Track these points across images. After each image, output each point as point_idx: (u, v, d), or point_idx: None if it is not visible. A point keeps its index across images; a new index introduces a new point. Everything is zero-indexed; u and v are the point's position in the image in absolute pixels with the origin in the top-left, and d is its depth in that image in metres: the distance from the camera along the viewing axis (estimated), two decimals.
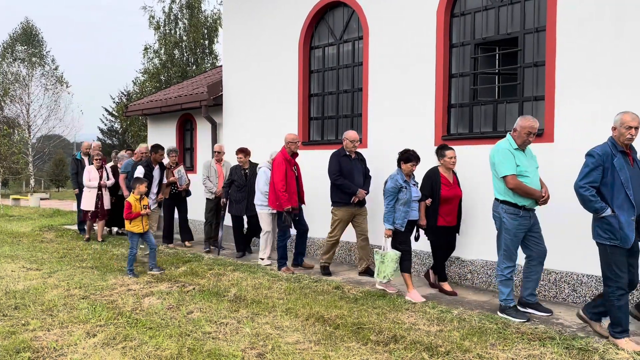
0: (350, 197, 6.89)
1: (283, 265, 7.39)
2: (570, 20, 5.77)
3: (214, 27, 32.03)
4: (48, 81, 33.44)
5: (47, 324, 4.92)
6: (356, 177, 6.96)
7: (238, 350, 4.27)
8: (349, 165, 6.97)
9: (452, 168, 6.20)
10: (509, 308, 5.26)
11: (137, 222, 7.11)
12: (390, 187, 5.97)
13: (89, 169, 10.05)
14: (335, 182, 6.93)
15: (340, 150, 7.06)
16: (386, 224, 6.00)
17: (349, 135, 7.02)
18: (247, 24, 9.66)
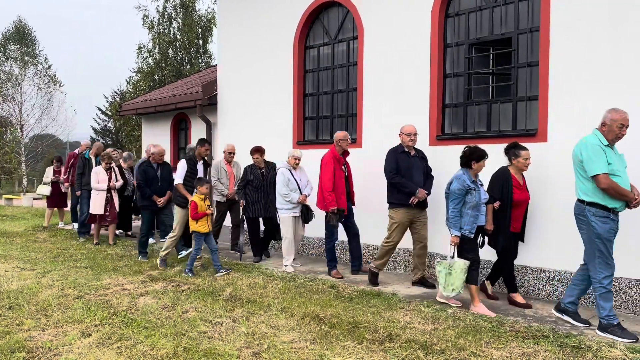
0: (408, 198, 6.28)
1: (333, 268, 7.07)
2: (563, 20, 5.81)
3: (208, 26, 31.98)
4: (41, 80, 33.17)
5: (41, 324, 4.91)
6: (415, 175, 6.34)
7: (234, 349, 4.28)
8: (407, 163, 6.35)
9: (525, 170, 5.66)
10: (612, 326, 4.65)
11: (203, 222, 6.99)
12: (456, 189, 5.39)
13: (97, 171, 9.59)
14: (392, 180, 6.33)
15: (398, 147, 6.48)
16: (453, 230, 5.42)
17: (406, 129, 6.41)
18: (242, 23, 9.66)
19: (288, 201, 7.34)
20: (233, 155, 8.69)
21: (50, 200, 11.95)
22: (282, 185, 7.35)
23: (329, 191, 6.77)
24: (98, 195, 9.47)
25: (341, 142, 6.98)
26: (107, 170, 9.57)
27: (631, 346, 4.37)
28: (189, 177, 7.42)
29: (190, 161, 7.52)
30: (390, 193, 6.45)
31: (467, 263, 5.39)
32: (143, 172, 8.19)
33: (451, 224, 5.45)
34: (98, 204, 9.47)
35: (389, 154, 6.46)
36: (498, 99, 6.57)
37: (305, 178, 7.60)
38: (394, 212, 6.41)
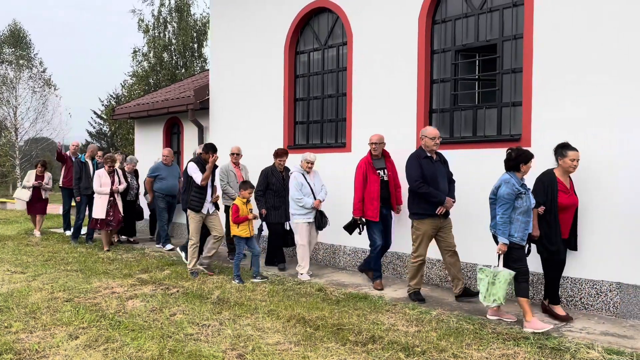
0: (435, 208, 5.87)
1: (376, 277, 6.70)
2: (546, 27, 5.92)
3: (203, 30, 32.07)
4: (36, 84, 33.22)
5: (29, 327, 4.96)
6: (441, 182, 5.92)
7: (219, 351, 4.34)
8: (431, 169, 5.92)
9: (572, 172, 5.36)
10: None
11: (245, 227, 6.87)
12: (506, 194, 5.03)
13: (100, 174, 9.30)
14: (419, 190, 5.83)
15: (420, 152, 6.03)
16: (501, 237, 5.05)
17: (428, 131, 5.98)
18: (233, 28, 9.75)
19: (301, 206, 7.17)
20: (239, 156, 8.52)
21: (30, 206, 11.31)
22: (295, 189, 7.20)
23: (357, 198, 6.56)
24: (100, 199, 9.24)
25: (371, 144, 6.65)
26: (110, 174, 9.36)
27: (609, 347, 4.46)
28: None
29: (199, 164, 7.29)
30: (415, 203, 5.98)
31: (512, 274, 5.02)
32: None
33: (500, 231, 5.07)
34: (100, 208, 9.22)
35: (411, 160, 6.01)
36: (483, 104, 6.68)
37: (320, 182, 7.43)
38: (420, 223, 5.96)
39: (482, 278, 5.22)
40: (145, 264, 7.97)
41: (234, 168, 8.47)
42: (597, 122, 5.56)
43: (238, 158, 8.50)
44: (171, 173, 9.67)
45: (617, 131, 5.42)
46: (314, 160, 7.34)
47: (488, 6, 6.55)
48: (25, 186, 11.21)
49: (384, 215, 6.63)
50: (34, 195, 11.19)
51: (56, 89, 34.15)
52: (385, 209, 6.63)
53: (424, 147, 6.02)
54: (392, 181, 6.69)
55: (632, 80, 5.35)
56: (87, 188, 9.89)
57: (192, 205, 7.20)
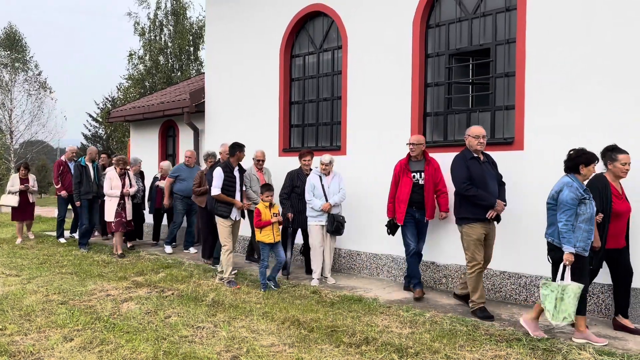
0: (485, 211, 5.53)
1: (414, 285, 6.36)
2: (539, 32, 5.98)
3: (199, 33, 32.10)
4: (31, 86, 33.16)
5: (24, 329, 4.96)
6: (490, 185, 5.57)
7: (213, 353, 4.36)
8: (479, 170, 5.57)
9: (624, 177, 5.07)
10: None
11: (268, 232, 6.52)
12: (570, 199, 4.62)
13: (111, 176, 9.01)
14: (467, 192, 5.50)
15: (465, 152, 5.68)
16: (567, 247, 4.62)
17: (473, 130, 5.64)
18: (229, 31, 9.78)
19: (311, 208, 7.05)
20: (263, 162, 8.22)
21: (16, 212, 10.75)
22: (307, 191, 7.05)
23: (389, 198, 6.45)
24: (111, 201, 8.98)
25: (410, 146, 6.38)
26: (121, 176, 9.11)
27: (600, 349, 4.50)
28: (227, 186, 6.89)
29: (226, 168, 6.92)
30: (463, 206, 5.62)
31: (581, 287, 4.59)
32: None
33: (565, 239, 4.64)
34: (111, 210, 8.98)
35: (457, 161, 5.68)
36: (477, 108, 6.73)
37: (338, 185, 7.10)
38: (470, 228, 5.57)
39: (547, 294, 4.69)
40: (140, 267, 7.98)
41: (256, 172, 8.18)
42: (590, 126, 5.62)
43: (261, 164, 8.22)
44: (192, 175, 9.25)
45: (610, 136, 5.47)
46: (328, 162, 7.05)
47: (481, 11, 6.61)
48: (10, 191, 10.72)
49: (417, 219, 6.38)
50: (22, 200, 10.73)
51: (51, 91, 34.11)
52: (418, 213, 6.36)
53: (468, 147, 5.68)
54: (429, 185, 6.33)
55: (625, 85, 5.41)
56: (88, 192, 9.68)
57: (220, 211, 6.89)
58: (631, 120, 5.37)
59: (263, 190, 6.69)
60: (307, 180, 7.11)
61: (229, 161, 7.03)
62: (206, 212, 8.28)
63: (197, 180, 8.57)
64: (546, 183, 5.82)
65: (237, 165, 7.07)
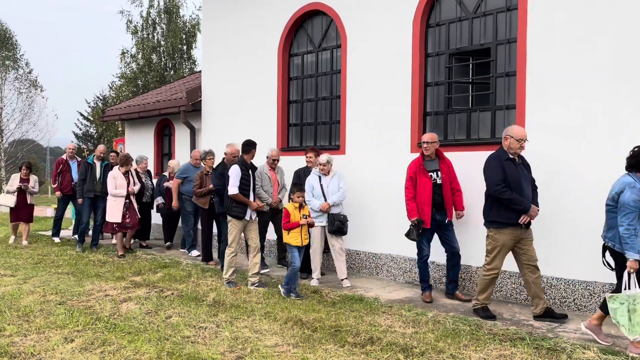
0: (518, 216, 5.26)
1: (424, 289, 6.24)
2: (540, 32, 6.00)
3: (193, 32, 31.95)
4: (22, 85, 32.82)
5: (23, 330, 4.89)
6: (525, 188, 5.29)
7: (217, 353, 4.32)
8: (515, 173, 5.29)
9: None
10: None
11: (296, 234, 6.21)
12: (632, 201, 4.34)
13: (115, 175, 8.79)
14: (501, 195, 5.20)
15: (501, 153, 5.38)
16: (630, 253, 4.33)
17: (515, 131, 5.32)
18: (226, 30, 9.73)
19: (311, 208, 6.83)
20: (277, 162, 7.93)
21: (15, 213, 10.31)
22: (306, 191, 6.87)
23: (407, 198, 6.11)
24: (116, 201, 8.76)
25: (424, 144, 6.18)
26: (124, 174, 8.90)
27: (604, 347, 4.51)
28: (243, 185, 6.61)
29: (243, 166, 6.65)
30: (494, 209, 5.34)
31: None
32: (221, 176, 7.20)
33: (627, 245, 4.35)
34: (116, 211, 8.74)
35: (491, 161, 5.39)
36: (477, 107, 6.74)
37: (337, 185, 6.94)
38: (499, 233, 5.31)
39: (617, 307, 4.36)
40: (137, 267, 7.91)
41: (269, 171, 7.86)
42: (590, 125, 5.63)
43: (275, 164, 7.93)
44: None
45: (612, 135, 5.50)
46: (325, 162, 6.95)
47: (482, 10, 6.62)
48: (9, 191, 10.27)
49: (438, 221, 6.14)
50: (20, 200, 10.24)
51: (42, 90, 33.78)
52: (439, 215, 6.12)
53: (507, 148, 5.35)
54: (447, 184, 6.15)
55: (625, 84, 5.43)
56: (90, 191, 9.41)
57: (235, 212, 6.58)
58: (633, 119, 5.39)
59: (294, 189, 6.35)
60: (307, 181, 7.03)
61: (244, 159, 6.74)
62: (208, 214, 8.16)
63: (197, 181, 8.34)
64: (546, 182, 5.84)
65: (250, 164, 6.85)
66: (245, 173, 6.64)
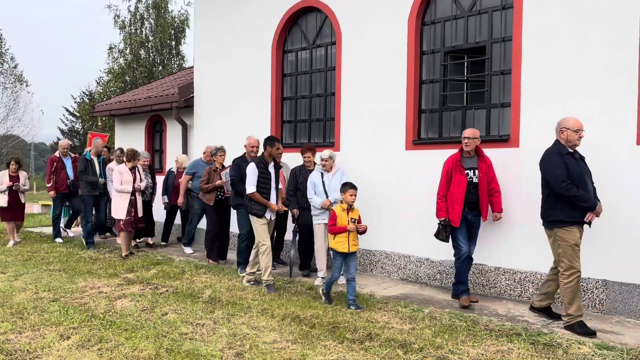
0: (584, 214, 4.94)
1: (462, 292, 5.87)
2: (535, 30, 6.04)
3: (181, 28, 31.71)
4: (7, 79, 32.36)
5: (18, 327, 4.83)
6: (589, 184, 5.01)
7: (216, 350, 4.31)
8: (577, 168, 4.96)
9: None
10: None
11: (342, 239, 5.64)
12: None
13: (121, 170, 8.49)
14: (567, 192, 4.85)
15: (560, 147, 5.03)
16: None
17: (570, 122, 5.01)
18: (219, 25, 9.67)
19: (313, 206, 6.82)
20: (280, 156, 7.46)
21: (6, 212, 9.71)
22: (308, 189, 6.85)
23: (439, 196, 5.87)
24: (121, 198, 8.45)
25: (465, 140, 5.86)
26: (131, 170, 8.60)
27: (600, 343, 4.58)
28: (262, 184, 6.38)
29: (260, 164, 6.41)
30: (558, 208, 5.00)
31: None
32: (237, 167, 7.09)
33: None
34: (122, 208, 8.44)
35: (552, 156, 5.02)
36: (472, 105, 6.77)
37: (339, 181, 6.66)
38: (568, 232, 4.95)
39: None
40: (130, 264, 7.84)
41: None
42: (586, 123, 5.67)
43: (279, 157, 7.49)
44: None
45: (607, 133, 5.56)
46: (327, 157, 6.82)
47: (477, 8, 6.65)
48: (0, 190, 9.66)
49: (469, 221, 5.87)
50: (11, 199, 9.67)
51: (28, 85, 33.33)
52: (471, 214, 5.85)
53: (564, 141, 5.02)
54: (483, 184, 5.84)
55: (622, 82, 5.49)
56: (95, 188, 9.22)
57: (254, 210, 6.38)
58: (629, 117, 5.46)
59: (344, 189, 5.80)
60: (309, 178, 6.94)
61: (263, 156, 6.52)
62: (215, 211, 8.00)
63: (205, 177, 8.03)
64: None
65: (271, 161, 6.55)
66: (263, 171, 6.39)
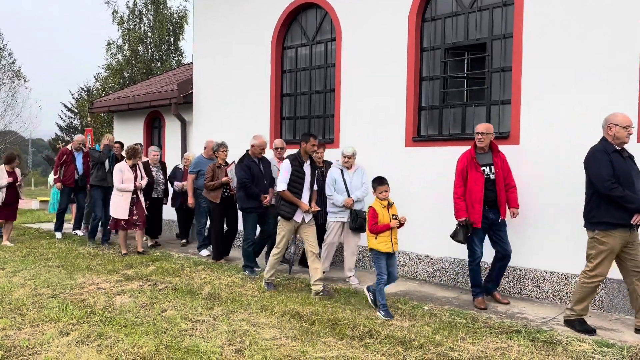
0: (630, 216, 4.67)
1: (476, 295, 5.73)
2: (536, 27, 6.03)
3: (180, 24, 31.60)
4: (5, 75, 32.25)
5: (17, 323, 4.82)
6: (637, 184, 4.71)
7: (216, 346, 4.30)
8: (624, 167, 4.71)
9: None
10: None
11: (385, 238, 5.27)
12: None
13: (122, 168, 8.26)
14: (612, 192, 4.61)
15: (606, 144, 4.78)
16: None
17: (619, 118, 4.75)
18: (218, 21, 9.63)
19: (332, 203, 6.62)
20: (283, 150, 7.60)
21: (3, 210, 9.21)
22: (328, 185, 6.62)
23: (456, 196, 5.63)
24: (122, 196, 8.23)
25: (478, 135, 5.65)
26: (131, 168, 8.34)
27: (600, 340, 4.58)
28: (294, 182, 6.05)
29: (295, 162, 6.06)
30: (601, 209, 4.74)
31: None
32: (247, 168, 6.98)
33: None
34: (122, 207, 8.20)
35: (597, 154, 4.78)
36: (472, 102, 6.77)
37: (360, 180, 6.60)
38: (607, 235, 4.72)
39: None
40: (129, 260, 7.83)
41: (277, 163, 7.44)
42: (586, 121, 5.69)
43: (282, 152, 7.56)
44: None
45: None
46: (350, 154, 6.64)
47: (478, 5, 6.64)
48: None
49: (491, 220, 5.65)
50: (9, 196, 9.24)
51: (26, 80, 33.21)
52: (492, 213, 5.63)
53: (612, 138, 4.76)
54: (500, 180, 5.64)
55: (622, 79, 5.48)
56: (103, 180, 8.94)
57: (282, 210, 6.05)
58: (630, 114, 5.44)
59: (375, 184, 5.42)
60: (329, 174, 6.70)
61: (299, 154, 6.14)
62: (219, 209, 7.78)
63: (210, 174, 7.76)
64: (541, 177, 5.90)
65: (307, 159, 6.18)
66: (297, 169, 6.06)
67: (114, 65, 29.83)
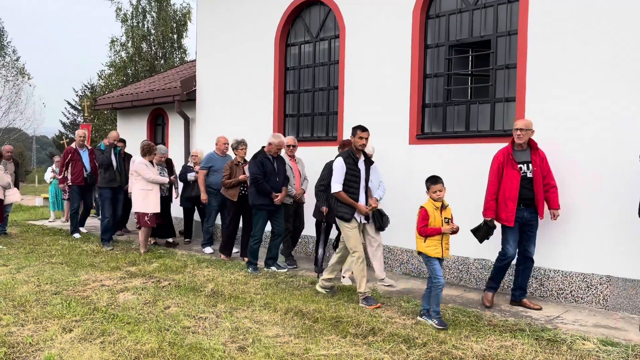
0: None
1: (488, 289, 5.63)
2: (541, 24, 5.99)
3: (183, 21, 31.57)
4: (9, 72, 32.33)
5: (20, 320, 4.83)
6: None
7: (219, 343, 4.29)
8: None
9: None
10: None
11: (435, 242, 4.91)
12: None
13: (146, 163, 8.13)
14: None
15: None
16: None
17: None
18: (222, 19, 9.62)
19: None
20: (295, 148, 7.46)
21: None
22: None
23: (488, 194, 5.45)
24: (152, 190, 8.09)
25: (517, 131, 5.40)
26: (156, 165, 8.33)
27: (603, 339, 4.56)
28: (349, 182, 5.63)
29: (349, 159, 5.64)
30: None
31: None
32: (261, 164, 6.86)
33: None
34: (153, 201, 8.09)
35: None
36: (477, 99, 6.73)
37: (377, 179, 6.14)
38: None
39: None
40: (132, 257, 7.83)
41: (289, 161, 7.32)
42: (591, 118, 5.65)
43: (294, 150, 7.45)
44: None
45: (612, 128, 5.52)
46: (372, 152, 6.44)
47: (482, 2, 6.60)
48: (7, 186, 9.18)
49: (526, 219, 5.45)
50: None
51: (30, 78, 33.29)
52: (527, 212, 5.41)
53: None
54: (538, 178, 5.40)
55: (626, 76, 5.45)
56: (112, 180, 8.78)
57: (341, 212, 5.65)
58: (632, 111, 5.41)
59: (429, 183, 5.03)
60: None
61: (352, 150, 5.72)
62: (237, 207, 7.67)
63: (227, 172, 7.61)
64: None
65: (361, 156, 5.75)
66: (351, 167, 5.62)
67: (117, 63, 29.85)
